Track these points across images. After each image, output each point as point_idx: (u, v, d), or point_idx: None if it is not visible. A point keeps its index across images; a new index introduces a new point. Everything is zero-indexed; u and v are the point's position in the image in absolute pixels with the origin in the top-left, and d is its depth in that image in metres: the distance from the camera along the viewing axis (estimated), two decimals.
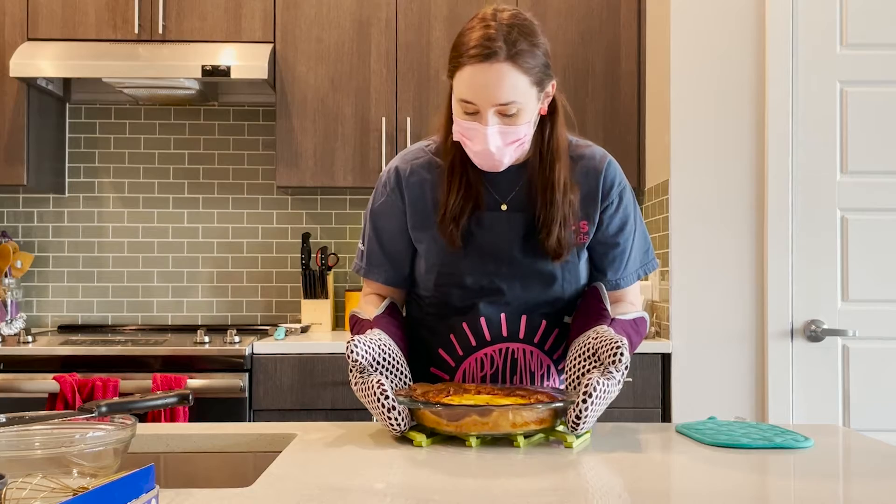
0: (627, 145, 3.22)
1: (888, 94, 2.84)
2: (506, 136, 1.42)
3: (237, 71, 3.01)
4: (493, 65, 1.37)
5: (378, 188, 1.60)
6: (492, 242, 1.52)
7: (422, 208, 1.55)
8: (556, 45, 3.21)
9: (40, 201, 3.51)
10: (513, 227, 1.52)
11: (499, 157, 1.43)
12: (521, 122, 1.42)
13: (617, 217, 1.57)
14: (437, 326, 1.60)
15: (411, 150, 1.61)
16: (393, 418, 1.33)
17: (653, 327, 3.07)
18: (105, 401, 1.14)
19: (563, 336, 1.60)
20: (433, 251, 1.55)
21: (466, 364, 1.58)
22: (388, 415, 1.33)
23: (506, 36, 1.38)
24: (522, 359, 1.57)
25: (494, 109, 1.39)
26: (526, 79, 1.39)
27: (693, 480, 1.15)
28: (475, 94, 1.39)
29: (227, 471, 1.38)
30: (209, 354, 2.80)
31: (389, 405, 1.33)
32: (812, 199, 2.83)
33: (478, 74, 1.38)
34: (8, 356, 2.78)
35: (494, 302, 1.54)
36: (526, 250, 1.52)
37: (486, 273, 1.53)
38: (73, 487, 0.95)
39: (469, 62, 1.38)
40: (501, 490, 1.06)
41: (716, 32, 2.87)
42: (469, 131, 1.42)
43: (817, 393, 2.81)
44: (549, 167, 1.50)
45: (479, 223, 1.52)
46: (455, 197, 1.50)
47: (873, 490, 1.10)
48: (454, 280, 1.54)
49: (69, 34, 3.15)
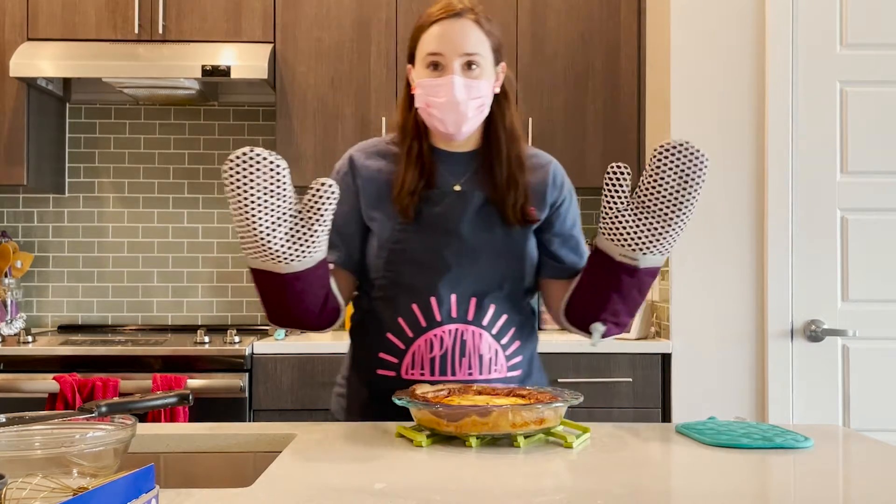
0: (627, 145, 3.22)
1: (888, 94, 2.84)
2: (470, 89, 1.52)
3: (237, 71, 3.02)
4: (459, 19, 1.53)
5: (332, 175, 1.65)
6: (442, 217, 1.57)
7: (376, 188, 1.61)
8: (556, 45, 3.22)
9: (40, 201, 3.51)
10: (463, 205, 1.58)
11: (463, 108, 1.52)
12: (482, 78, 1.54)
13: (570, 212, 1.70)
14: (385, 311, 1.60)
15: (367, 141, 1.70)
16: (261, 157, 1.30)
17: (653, 327, 3.07)
18: (105, 401, 1.14)
19: (510, 324, 1.62)
20: (386, 228, 1.58)
21: (416, 346, 1.57)
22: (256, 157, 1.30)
23: (468, 5, 1.56)
24: (472, 341, 1.58)
25: (461, 61, 1.52)
26: (487, 41, 1.55)
27: (693, 480, 1.15)
28: (444, 44, 1.52)
29: (227, 471, 1.38)
30: (209, 354, 2.80)
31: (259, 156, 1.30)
32: (812, 199, 2.83)
33: (445, 27, 1.52)
34: (8, 356, 2.78)
35: (446, 281, 1.56)
36: (475, 228, 1.58)
37: (436, 248, 1.57)
38: (73, 487, 0.95)
39: (437, 20, 1.53)
40: (501, 490, 1.06)
41: (716, 32, 2.87)
42: (434, 87, 1.52)
43: (817, 393, 2.81)
44: (512, 144, 1.61)
45: (429, 200, 1.58)
46: (411, 173, 1.57)
47: (873, 490, 1.10)
48: (405, 256, 1.57)
49: (69, 34, 3.15)
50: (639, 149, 3.23)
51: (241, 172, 1.30)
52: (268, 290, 1.47)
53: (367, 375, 1.63)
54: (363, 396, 1.64)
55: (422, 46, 1.55)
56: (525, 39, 3.21)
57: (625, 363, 2.86)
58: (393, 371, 1.59)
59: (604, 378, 2.85)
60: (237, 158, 1.30)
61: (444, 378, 1.56)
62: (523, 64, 3.21)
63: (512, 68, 3.20)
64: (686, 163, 1.41)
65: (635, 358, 2.86)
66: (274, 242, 1.35)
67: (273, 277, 1.42)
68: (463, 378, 1.57)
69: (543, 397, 1.39)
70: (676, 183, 1.41)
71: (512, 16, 3.21)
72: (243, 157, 1.30)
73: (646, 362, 2.86)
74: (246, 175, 1.30)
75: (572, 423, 1.42)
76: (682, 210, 1.43)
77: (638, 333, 2.93)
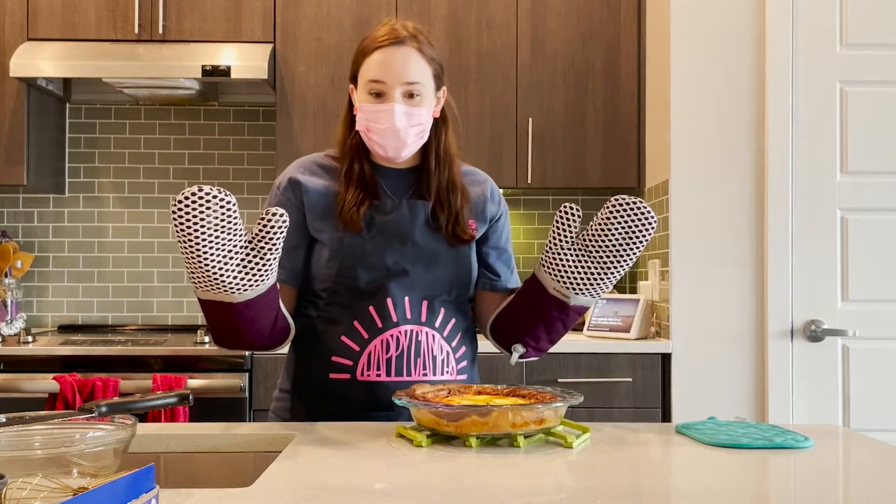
0: (627, 145, 3.22)
1: (888, 94, 2.84)
2: (410, 117, 1.55)
3: (237, 71, 3.02)
4: (401, 47, 1.56)
5: (271, 193, 1.66)
6: (395, 224, 1.60)
7: (323, 204, 1.61)
8: (556, 45, 3.22)
9: (40, 201, 3.51)
10: (414, 214, 1.61)
11: (403, 135, 1.55)
12: (423, 106, 1.57)
13: (505, 228, 1.76)
14: (339, 316, 1.60)
15: (306, 157, 1.70)
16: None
17: (653, 327, 3.07)
18: (105, 401, 1.14)
19: (458, 328, 1.66)
20: (335, 238, 1.59)
21: (372, 346, 1.58)
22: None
23: (411, 32, 1.58)
24: (426, 342, 1.60)
25: (402, 90, 1.54)
26: (428, 69, 1.57)
27: (693, 480, 1.15)
28: (385, 72, 1.54)
29: (227, 471, 1.38)
30: (209, 354, 2.80)
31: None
32: (812, 199, 2.83)
33: (387, 55, 1.55)
34: (8, 356, 2.78)
35: (400, 284, 1.59)
36: (426, 236, 1.61)
37: (392, 252, 1.59)
38: (73, 487, 0.95)
39: (379, 47, 1.55)
40: (501, 490, 1.06)
41: (716, 33, 2.87)
42: (375, 113, 1.55)
43: (817, 393, 2.82)
44: (447, 167, 1.64)
45: (379, 210, 1.60)
46: (353, 192, 1.59)
47: (873, 490, 1.10)
48: (360, 262, 1.58)
49: (69, 34, 3.15)
50: (639, 149, 3.23)
51: (190, 213, 1.27)
52: (219, 318, 1.44)
53: (317, 382, 1.61)
54: (312, 404, 1.62)
55: (364, 71, 1.57)
56: (525, 39, 3.21)
57: (625, 363, 2.86)
58: (347, 374, 1.58)
59: (604, 378, 2.85)
60: (186, 199, 1.27)
61: (399, 378, 1.58)
62: (523, 64, 3.21)
63: (512, 68, 3.22)
64: (635, 220, 1.47)
65: (635, 358, 2.86)
66: (227, 275, 1.34)
67: (224, 307, 1.41)
68: (417, 378, 1.59)
69: (543, 397, 1.39)
70: (622, 237, 1.47)
71: (512, 16, 3.21)
72: (192, 199, 1.27)
73: (646, 362, 2.86)
74: (196, 215, 1.28)
75: (572, 423, 1.42)
76: (621, 262, 1.50)
77: (638, 333, 2.93)
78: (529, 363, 2.84)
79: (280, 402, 1.69)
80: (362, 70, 1.58)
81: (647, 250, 3.20)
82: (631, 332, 2.93)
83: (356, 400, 1.58)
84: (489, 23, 3.21)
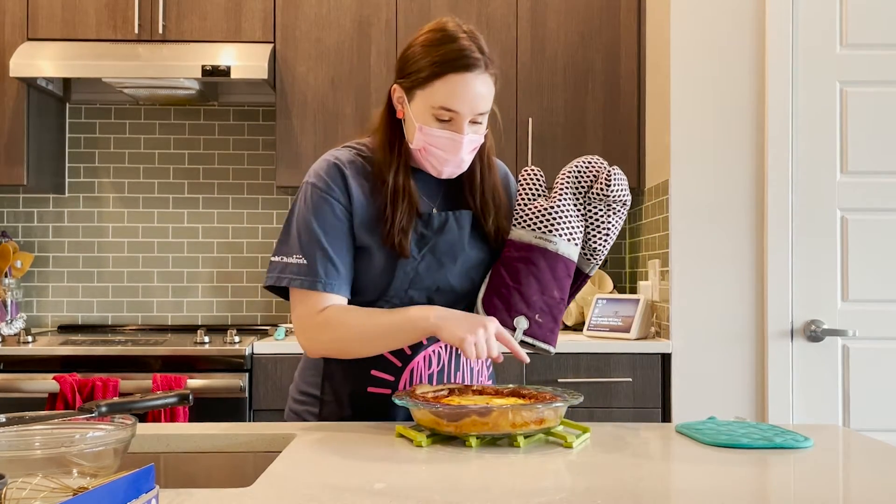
0: (627, 145, 3.22)
1: (888, 94, 2.84)
2: (473, 143, 1.50)
3: (237, 71, 3.02)
4: (479, 75, 1.44)
5: (315, 183, 1.52)
6: (446, 242, 1.54)
7: (368, 215, 1.52)
8: (556, 45, 3.22)
9: (40, 201, 3.51)
10: (461, 229, 1.56)
11: (466, 164, 1.52)
12: (484, 128, 1.52)
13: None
14: None
15: (342, 151, 1.58)
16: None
17: (653, 327, 3.07)
18: (105, 401, 1.14)
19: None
20: (383, 256, 1.51)
21: (415, 363, 1.55)
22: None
23: (479, 46, 1.45)
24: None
25: (471, 118, 1.46)
26: (494, 88, 1.49)
27: (693, 480, 1.15)
28: (460, 103, 1.44)
29: (227, 471, 1.38)
30: (209, 354, 2.80)
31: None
32: (812, 199, 2.83)
33: (462, 85, 1.43)
34: (8, 356, 2.78)
35: (447, 299, 1.56)
36: (474, 247, 1.58)
37: (442, 273, 1.54)
38: (73, 487, 0.95)
39: (454, 71, 1.43)
40: (501, 490, 1.06)
41: (716, 33, 2.87)
42: (441, 140, 1.47)
43: (817, 393, 2.81)
44: (490, 173, 1.59)
45: (428, 226, 1.53)
46: (401, 209, 1.50)
47: (873, 490, 1.10)
48: (413, 284, 1.53)
49: (69, 34, 3.15)
50: (639, 149, 3.23)
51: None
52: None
53: (353, 394, 1.57)
54: (345, 415, 1.58)
55: (434, 93, 1.44)
56: (525, 39, 3.21)
57: (625, 363, 2.86)
58: (388, 388, 1.55)
59: (604, 378, 2.85)
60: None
61: None
62: (523, 64, 3.21)
63: (512, 68, 3.21)
64: (625, 196, 1.55)
65: (635, 358, 2.87)
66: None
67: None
68: None
69: (543, 397, 1.39)
70: (621, 200, 1.55)
71: (512, 16, 3.21)
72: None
73: (646, 362, 2.86)
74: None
75: (572, 423, 1.42)
76: (617, 220, 1.57)
77: (638, 333, 2.93)
78: (529, 363, 2.84)
79: (304, 405, 1.62)
80: (431, 89, 1.44)
81: (647, 250, 3.20)
82: (631, 332, 2.93)
83: (393, 415, 1.55)
84: (489, 23, 3.21)
